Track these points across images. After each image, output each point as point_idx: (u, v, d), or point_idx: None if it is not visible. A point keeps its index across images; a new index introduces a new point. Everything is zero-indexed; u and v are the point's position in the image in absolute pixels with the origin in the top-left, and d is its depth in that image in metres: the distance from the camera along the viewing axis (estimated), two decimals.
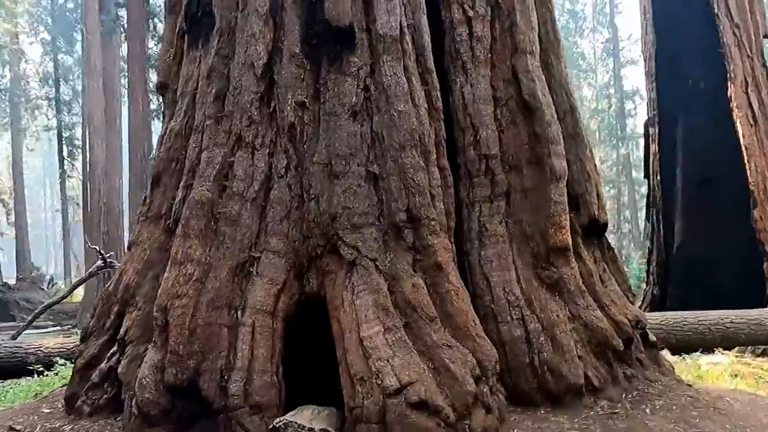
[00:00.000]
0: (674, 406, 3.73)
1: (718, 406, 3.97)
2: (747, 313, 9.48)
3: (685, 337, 9.19)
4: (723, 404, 4.08)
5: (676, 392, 3.99)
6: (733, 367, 6.92)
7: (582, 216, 4.36)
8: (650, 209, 13.10)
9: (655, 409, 3.64)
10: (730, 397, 4.60)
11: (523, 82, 4.18)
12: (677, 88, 12.43)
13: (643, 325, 4.47)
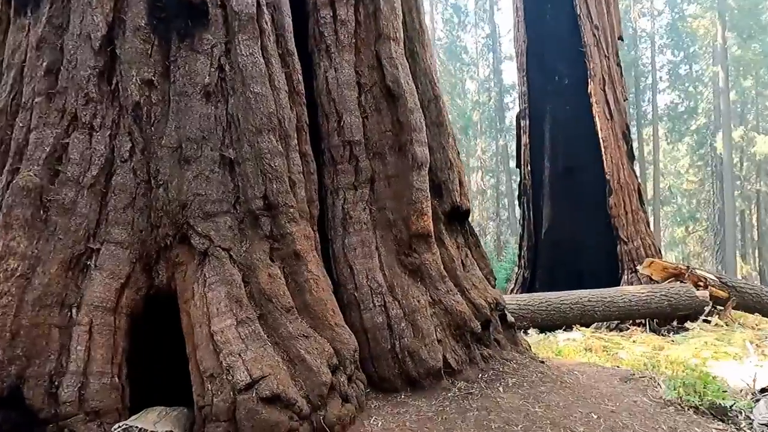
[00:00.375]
0: (525, 382, 3.93)
1: (566, 380, 4.25)
2: (601, 292, 10.37)
3: (549, 316, 9.89)
4: (570, 378, 4.38)
5: (529, 369, 4.21)
6: (586, 341, 7.53)
7: (445, 203, 4.46)
8: (522, 197, 13.91)
9: (507, 387, 3.81)
10: (579, 371, 4.97)
11: (387, 69, 4.16)
12: (545, 83, 13.27)
13: (502, 307, 4.67)
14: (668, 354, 6.45)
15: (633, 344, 7.64)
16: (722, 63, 27.03)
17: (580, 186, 12.87)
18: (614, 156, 12.03)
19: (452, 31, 34.64)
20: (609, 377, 4.76)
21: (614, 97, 12.21)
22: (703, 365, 6.37)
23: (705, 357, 6.69)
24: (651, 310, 10.75)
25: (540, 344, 7.23)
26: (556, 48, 13.01)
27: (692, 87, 35.39)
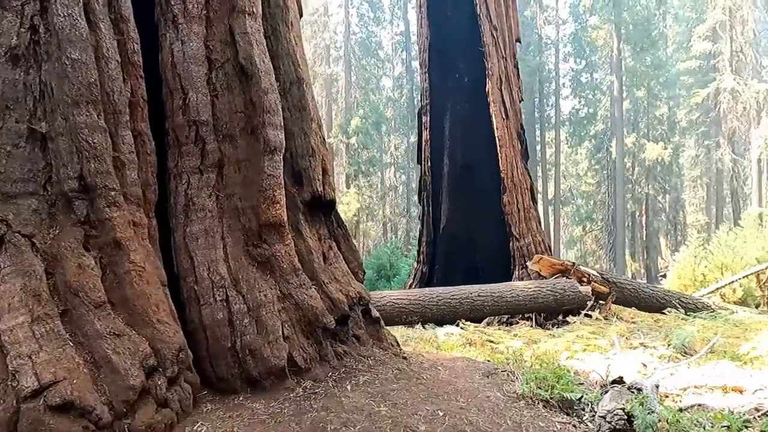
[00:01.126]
0: (378, 380, 3.78)
1: (424, 376, 4.14)
2: (491, 288, 10.58)
3: (439, 311, 9.95)
4: (430, 374, 4.28)
5: (386, 366, 4.06)
6: (468, 336, 7.58)
7: (305, 192, 4.21)
8: (421, 193, 13.99)
9: (357, 385, 3.64)
10: (444, 366, 4.91)
11: (240, 45, 3.85)
12: (446, 80, 13.39)
13: (366, 302, 4.50)
14: (539, 347, 6.59)
15: (513, 338, 7.79)
16: (617, 73, 28.76)
17: (476, 183, 13.12)
18: (509, 155, 12.34)
19: (367, 26, 34.56)
20: (472, 372, 4.73)
21: (510, 98, 12.52)
22: (573, 357, 6.58)
23: (575, 350, 6.91)
24: (538, 305, 11.12)
25: (422, 339, 7.18)
26: (457, 46, 13.16)
27: (592, 94, 37.44)
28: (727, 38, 29.56)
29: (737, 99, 29.29)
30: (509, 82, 12.49)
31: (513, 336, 8.02)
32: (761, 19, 36.20)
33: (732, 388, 5.52)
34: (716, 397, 5.01)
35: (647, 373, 5.84)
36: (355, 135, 29.14)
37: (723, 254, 16.94)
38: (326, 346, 3.81)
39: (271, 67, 3.97)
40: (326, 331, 3.84)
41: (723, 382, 5.94)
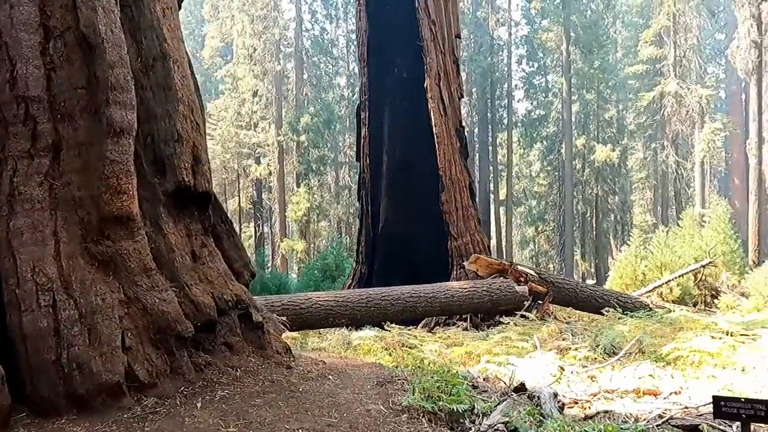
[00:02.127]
0: (240, 395, 3.34)
1: (303, 388, 3.72)
2: (424, 288, 10.26)
3: (369, 313, 9.55)
4: (312, 385, 3.87)
5: (258, 377, 3.63)
6: (389, 339, 7.20)
7: (168, 182, 3.73)
8: (361, 191, 13.59)
9: (210, 402, 3.19)
10: (340, 374, 4.50)
11: (82, 11, 3.34)
12: (385, 76, 13.03)
13: (246, 306, 4.05)
14: (452, 351, 6.26)
15: (438, 340, 7.47)
16: (566, 75, 29.08)
17: (416, 181, 12.81)
18: (447, 152, 12.06)
19: (319, 23, 34.00)
20: (365, 381, 4.33)
21: (449, 94, 12.25)
22: (492, 361, 6.27)
23: (497, 353, 6.63)
24: (473, 305, 10.88)
25: (336, 342, 6.76)
26: (396, 41, 12.83)
27: (543, 96, 37.85)
28: (671, 43, 30.29)
29: (681, 103, 30.04)
30: (448, 79, 12.22)
31: (438, 338, 7.70)
32: (704, 27, 37.38)
33: (646, 391, 5.31)
34: (627, 402, 4.78)
35: (563, 378, 5.58)
36: (305, 133, 28.53)
37: (662, 254, 17.16)
38: (181, 357, 3.34)
39: (122, 39, 3.47)
40: (182, 340, 3.37)
41: (639, 385, 5.73)
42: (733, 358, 6.86)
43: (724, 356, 6.88)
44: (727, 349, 7.16)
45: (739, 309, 15.96)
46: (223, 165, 32.43)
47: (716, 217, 20.50)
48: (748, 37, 21.29)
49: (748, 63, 21.60)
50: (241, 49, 30.60)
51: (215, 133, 32.13)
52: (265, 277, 19.53)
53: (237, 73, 30.65)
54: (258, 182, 33.97)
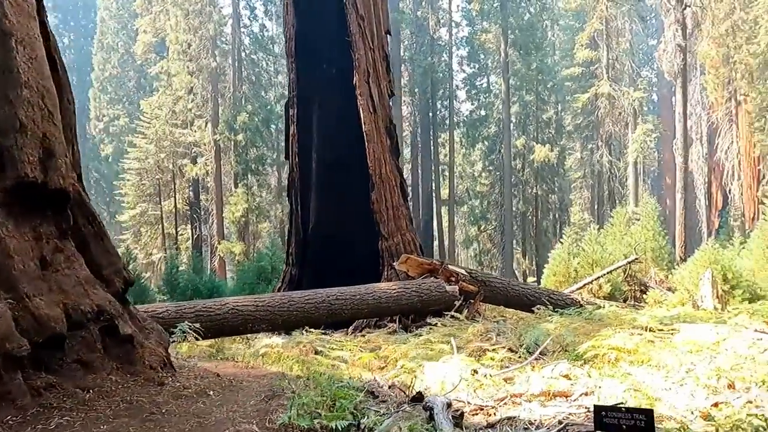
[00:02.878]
0: (82, 421, 2.91)
1: (168, 409, 3.33)
2: (351, 290, 9.94)
3: (291, 317, 9.14)
4: (182, 404, 3.47)
5: (114, 399, 3.20)
6: (306, 345, 6.84)
7: (7, 177, 3.25)
8: (290, 191, 13.15)
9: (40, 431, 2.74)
10: (227, 388, 4.12)
11: None
12: (314, 71, 12.65)
13: (111, 317, 3.61)
14: (359, 358, 5.96)
15: (355, 345, 7.15)
16: (504, 76, 29.46)
17: (347, 180, 12.49)
18: (377, 150, 11.80)
19: (258, 19, 33.19)
20: (252, 395, 3.97)
21: (379, 91, 12.00)
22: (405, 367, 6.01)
23: (414, 356, 6.37)
24: (402, 307, 10.64)
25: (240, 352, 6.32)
26: (324, 36, 12.47)
27: (484, 97, 38.32)
28: (604, 47, 31.21)
29: (614, 104, 31.02)
30: (378, 75, 11.96)
31: (357, 343, 7.38)
32: (637, 32, 38.80)
33: (557, 393, 5.17)
34: (535, 406, 4.60)
35: (476, 382, 5.37)
36: (242, 132, 27.71)
37: (594, 251, 17.49)
38: (11, 381, 2.88)
39: None
40: (14, 360, 2.90)
41: (553, 386, 5.59)
42: (649, 355, 6.87)
43: (641, 353, 6.88)
44: (645, 346, 7.17)
45: (665, 303, 16.47)
46: (157, 165, 31.16)
47: (645, 215, 21.16)
48: (674, 41, 22.10)
49: (674, 66, 22.42)
50: (175, 44, 29.48)
51: (149, 131, 30.85)
52: (197, 282, 18.76)
53: (171, 69, 29.50)
54: (195, 183, 32.84)
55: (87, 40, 44.05)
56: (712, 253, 16.56)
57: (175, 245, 31.43)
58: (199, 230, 32.30)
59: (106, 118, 38.43)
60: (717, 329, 8.06)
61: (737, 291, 15.81)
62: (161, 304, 8.07)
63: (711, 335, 7.79)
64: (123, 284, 3.96)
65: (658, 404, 4.46)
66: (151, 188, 31.34)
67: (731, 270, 16.10)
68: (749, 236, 21.07)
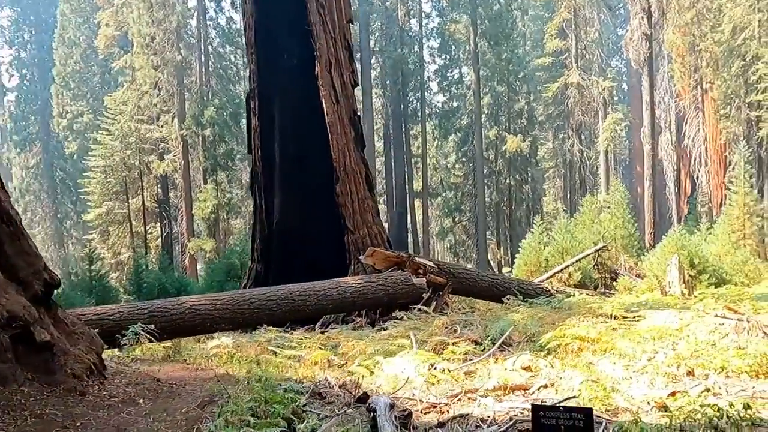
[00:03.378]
0: None
1: (84, 422, 3.10)
2: (315, 285, 9.71)
3: (253, 315, 8.87)
4: (100, 416, 3.23)
5: (22, 413, 2.94)
6: (262, 344, 6.59)
7: None
8: (253, 185, 12.82)
9: None
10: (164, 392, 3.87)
11: None
12: (275, 62, 12.32)
13: (26, 323, 3.32)
14: (311, 356, 5.74)
15: (314, 342, 6.93)
16: (474, 66, 29.36)
17: (311, 173, 12.22)
18: (341, 142, 11.55)
19: (225, 11, 32.51)
20: (188, 402, 3.73)
21: (342, 82, 11.72)
22: (363, 364, 5.81)
23: (373, 353, 6.18)
24: (369, 301, 10.44)
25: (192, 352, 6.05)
26: (284, 25, 12.13)
27: (456, 88, 38.25)
28: (572, 36, 31.33)
29: (583, 93, 31.20)
30: (340, 66, 11.68)
31: (317, 340, 7.15)
32: (606, 21, 39.07)
33: (515, 386, 5.03)
34: (490, 402, 4.45)
35: (432, 377, 5.20)
36: (210, 126, 27.15)
37: (564, 239, 17.53)
38: None
39: None
40: None
41: (514, 378, 5.46)
42: (613, 343, 6.79)
43: (604, 341, 6.80)
44: (608, 334, 7.10)
45: (635, 290, 16.60)
46: (123, 162, 30.38)
47: (615, 203, 21.31)
48: (640, 29, 22.24)
49: (640, 54, 22.57)
50: (138, 37, 28.71)
51: (113, 128, 30.04)
52: (164, 281, 18.33)
53: (135, 63, 28.73)
54: (164, 179, 32.14)
55: (48, 35, 42.69)
56: (679, 240, 16.74)
57: (145, 244, 30.78)
58: (169, 228, 31.66)
59: (69, 114, 37.35)
60: (681, 315, 8.05)
61: (704, 276, 16.01)
62: (111, 306, 7.74)
63: (675, 321, 7.77)
64: (44, 286, 3.67)
65: (615, 395, 4.34)
66: (118, 186, 30.55)
67: (697, 255, 16.29)
68: (716, 222, 21.42)
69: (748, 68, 27.34)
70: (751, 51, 26.82)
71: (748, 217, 18.65)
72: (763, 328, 6.45)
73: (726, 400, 4.22)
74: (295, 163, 12.18)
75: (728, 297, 11.91)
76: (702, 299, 12.15)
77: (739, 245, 18.81)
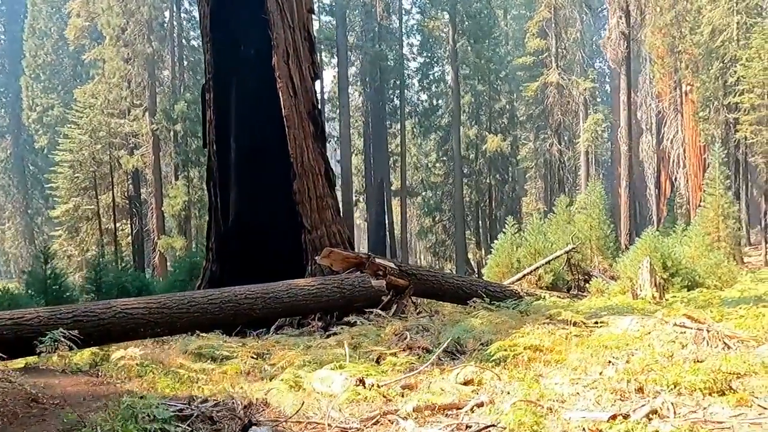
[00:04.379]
0: None
1: None
2: (264, 287, 9.11)
3: (193, 319, 8.29)
4: None
5: None
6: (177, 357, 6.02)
7: None
8: (209, 181, 12.24)
9: None
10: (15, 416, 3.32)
11: None
12: (231, 52, 11.75)
13: None
14: (227, 368, 5.21)
15: (248, 351, 6.38)
16: (453, 64, 28.95)
17: (269, 169, 11.66)
18: (298, 137, 11.01)
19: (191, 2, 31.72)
20: None
21: (300, 74, 11.19)
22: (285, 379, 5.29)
23: (301, 364, 5.65)
24: (322, 304, 9.90)
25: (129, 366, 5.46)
26: (241, 13, 11.57)
27: (436, 86, 37.84)
28: (552, 35, 31.06)
29: (562, 93, 30.94)
30: (299, 56, 11.14)
31: (250, 348, 6.60)
32: (588, 23, 38.90)
33: (446, 405, 4.54)
34: (410, 426, 3.97)
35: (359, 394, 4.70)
36: (181, 121, 26.42)
37: (536, 240, 17.14)
38: None
39: None
40: None
41: (430, 400, 4.91)
42: (566, 353, 6.36)
43: (557, 351, 6.36)
44: (562, 343, 6.66)
45: (607, 292, 16.24)
46: (92, 156, 29.52)
47: (591, 203, 20.99)
48: (617, 28, 21.96)
49: (618, 54, 22.30)
50: (107, 28, 27.87)
51: (82, 121, 29.18)
52: (123, 280, 17.64)
53: (104, 55, 27.90)
54: (135, 175, 31.34)
55: (19, 25, 41.53)
56: (653, 242, 16.43)
57: (115, 241, 29.97)
58: (140, 225, 30.86)
59: (39, 107, 36.32)
60: (644, 322, 7.64)
61: (676, 279, 15.71)
62: (29, 310, 7.13)
63: (637, 329, 7.37)
64: None
65: (549, 419, 3.87)
66: (87, 181, 29.69)
67: (671, 258, 15.99)
68: (692, 224, 21.21)
69: (726, 70, 27.26)
70: (729, 53, 26.73)
71: (723, 219, 18.45)
72: (724, 338, 6.05)
73: (672, 424, 3.78)
74: (253, 158, 11.63)
75: (698, 301, 11.60)
76: (671, 303, 11.82)
77: (714, 247, 18.61)
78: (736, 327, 6.90)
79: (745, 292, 13.04)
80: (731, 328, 6.46)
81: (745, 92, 25.39)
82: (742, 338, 6.09)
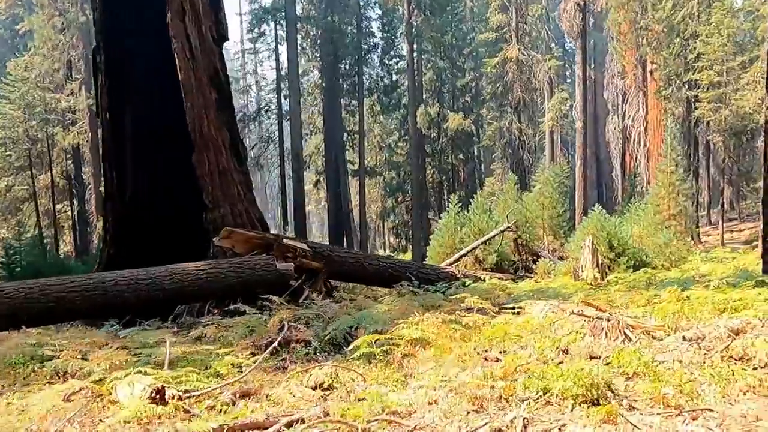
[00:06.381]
0: None
1: None
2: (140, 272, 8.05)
3: (47, 309, 7.16)
4: None
5: None
6: None
7: None
8: (104, 153, 11.03)
9: None
10: None
11: None
12: (124, 11, 10.48)
13: None
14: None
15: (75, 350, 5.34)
16: (408, 38, 27.76)
17: (170, 141, 10.51)
18: (197, 104, 9.85)
19: None
20: None
21: (199, 34, 9.99)
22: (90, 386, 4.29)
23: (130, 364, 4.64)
24: (215, 290, 8.86)
25: None
26: None
27: (396, 63, 36.62)
28: (513, 9, 30.01)
29: (522, 70, 30.00)
30: (197, 14, 9.93)
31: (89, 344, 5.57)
32: None
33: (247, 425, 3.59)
34: None
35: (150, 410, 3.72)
36: None
37: (480, 220, 16.32)
38: None
39: None
40: None
41: (235, 417, 3.95)
42: (449, 348, 5.48)
43: (439, 346, 5.48)
44: (448, 336, 5.78)
45: (554, 273, 15.54)
46: (27, 134, 27.71)
47: (543, 181, 20.25)
48: None
49: (574, 26, 21.42)
50: None
51: (14, 95, 27.30)
52: (40, 264, 16.37)
53: (34, 24, 26.02)
54: (76, 153, 29.64)
55: None
56: (599, 220, 15.75)
57: (54, 223, 28.39)
58: (81, 206, 29.27)
59: None
60: (556, 308, 6.82)
61: (622, 259, 15.05)
62: None
63: (543, 317, 6.54)
64: None
65: None
66: (21, 160, 27.91)
67: (616, 237, 15.32)
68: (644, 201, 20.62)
69: (687, 47, 26.62)
70: (690, 29, 26.07)
71: (674, 196, 17.83)
72: (626, 329, 5.22)
73: None
74: (151, 128, 10.47)
75: (637, 282, 10.92)
76: (609, 285, 11.12)
77: (665, 226, 18.03)
78: (653, 313, 6.11)
79: (686, 273, 12.42)
80: (637, 317, 5.64)
81: (705, 69, 24.80)
82: (647, 328, 5.27)
